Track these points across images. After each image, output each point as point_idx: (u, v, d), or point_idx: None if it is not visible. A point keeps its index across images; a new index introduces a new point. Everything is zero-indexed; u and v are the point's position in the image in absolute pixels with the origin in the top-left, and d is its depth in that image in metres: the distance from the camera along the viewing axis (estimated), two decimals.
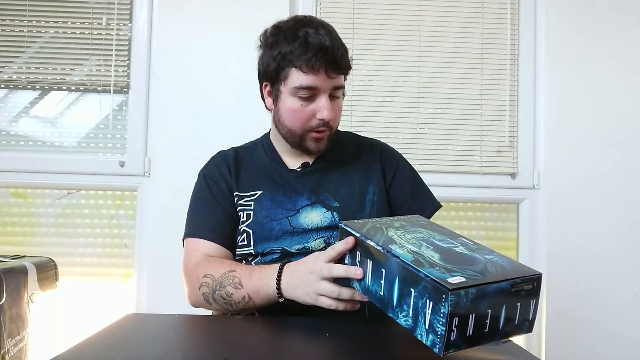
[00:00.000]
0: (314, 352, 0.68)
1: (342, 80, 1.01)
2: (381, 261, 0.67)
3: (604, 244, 1.82)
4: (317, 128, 1.00)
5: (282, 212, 1.02)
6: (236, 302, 0.92)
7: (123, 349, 0.68)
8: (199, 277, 0.96)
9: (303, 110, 0.99)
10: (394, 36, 1.89)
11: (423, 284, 0.60)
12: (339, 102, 1.03)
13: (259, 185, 1.06)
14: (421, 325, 0.61)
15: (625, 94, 1.87)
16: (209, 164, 1.13)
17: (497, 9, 1.91)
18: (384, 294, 0.67)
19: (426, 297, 0.60)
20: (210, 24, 1.83)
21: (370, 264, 0.70)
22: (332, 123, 1.02)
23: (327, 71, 0.96)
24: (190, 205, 1.09)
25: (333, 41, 0.96)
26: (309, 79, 0.96)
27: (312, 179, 1.07)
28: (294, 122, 1.01)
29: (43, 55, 1.86)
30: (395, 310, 0.65)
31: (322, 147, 1.04)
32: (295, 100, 0.99)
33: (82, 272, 1.82)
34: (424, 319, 0.60)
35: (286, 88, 0.99)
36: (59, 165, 1.82)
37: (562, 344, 1.80)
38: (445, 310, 0.57)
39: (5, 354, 1.23)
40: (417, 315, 0.61)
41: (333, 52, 0.95)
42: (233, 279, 0.91)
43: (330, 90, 0.99)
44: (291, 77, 0.97)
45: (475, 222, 1.90)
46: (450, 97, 1.89)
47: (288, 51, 0.96)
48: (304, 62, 0.95)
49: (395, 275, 0.65)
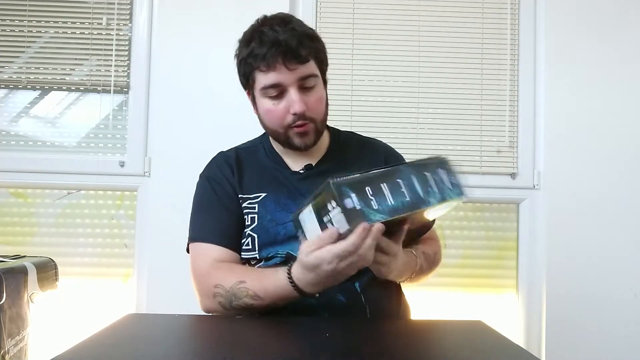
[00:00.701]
0: (314, 352, 0.68)
1: (309, 69, 0.97)
2: (394, 176, 0.77)
3: (604, 244, 1.82)
4: (294, 123, 0.98)
5: (287, 216, 0.99)
6: (259, 309, 0.91)
7: (123, 349, 0.68)
8: (210, 286, 0.94)
9: (276, 109, 0.98)
10: (394, 36, 1.89)
11: (431, 163, 0.82)
12: (315, 92, 0.99)
13: (263, 187, 1.04)
14: (446, 190, 0.81)
15: (626, 94, 1.87)
16: (210, 165, 1.11)
17: (497, 9, 1.91)
18: (411, 197, 0.76)
19: (438, 169, 0.82)
20: (210, 23, 1.83)
21: (385, 186, 0.75)
22: (311, 114, 0.99)
23: (285, 64, 0.94)
24: (194, 208, 1.07)
25: (287, 32, 0.94)
26: (270, 77, 0.95)
27: (316, 181, 1.04)
28: (272, 122, 1.01)
29: (43, 55, 1.86)
30: (426, 200, 0.77)
31: (308, 141, 1.01)
32: (267, 101, 0.99)
33: (82, 272, 1.81)
34: (447, 184, 0.82)
35: (257, 91, 1.00)
36: (59, 165, 1.82)
37: (562, 343, 1.80)
38: (453, 166, 0.85)
39: (5, 354, 1.23)
40: (441, 186, 0.80)
41: (287, 43, 0.93)
42: (247, 291, 0.90)
43: (297, 82, 0.96)
44: (257, 79, 0.98)
45: (475, 222, 1.89)
46: (450, 97, 1.89)
47: (247, 55, 0.97)
48: (260, 61, 0.94)
49: (409, 175, 0.77)
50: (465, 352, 0.71)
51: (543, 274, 1.83)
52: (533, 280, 1.85)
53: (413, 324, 0.77)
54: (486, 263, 1.89)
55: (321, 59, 1.02)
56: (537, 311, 1.84)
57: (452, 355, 0.71)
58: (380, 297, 0.98)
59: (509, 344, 0.72)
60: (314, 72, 0.99)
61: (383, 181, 0.75)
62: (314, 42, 0.98)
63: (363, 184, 0.74)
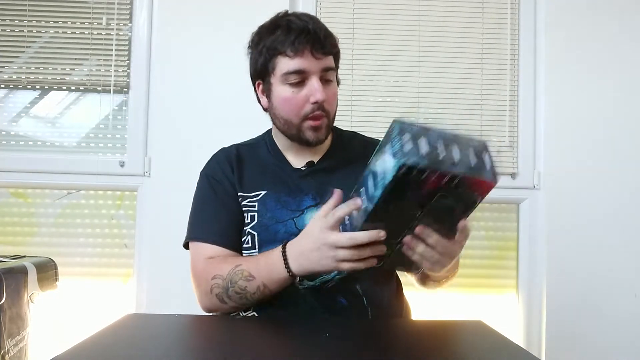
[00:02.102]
0: (314, 352, 0.68)
1: (331, 62, 1.00)
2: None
3: (604, 243, 1.82)
4: (312, 114, 0.98)
5: (287, 214, 1.00)
6: (251, 293, 0.91)
7: (123, 349, 0.68)
8: (208, 280, 0.94)
9: (295, 97, 0.98)
10: (394, 36, 1.89)
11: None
12: (332, 86, 1.01)
13: (263, 185, 1.04)
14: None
15: (626, 94, 1.87)
16: (210, 162, 1.11)
17: (497, 9, 1.91)
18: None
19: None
20: (210, 23, 1.83)
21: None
22: (328, 107, 1.00)
23: (312, 52, 0.95)
24: (194, 207, 1.07)
25: (316, 24, 0.97)
26: (295, 62, 0.96)
27: (318, 179, 1.04)
28: (289, 111, 1.00)
29: (43, 55, 1.86)
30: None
31: (321, 136, 1.01)
32: (286, 88, 0.98)
33: (82, 272, 1.81)
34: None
35: (276, 78, 0.99)
36: (59, 165, 1.82)
37: (562, 343, 1.80)
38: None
39: (5, 354, 1.23)
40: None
41: (316, 32, 0.96)
42: (242, 273, 0.91)
43: (320, 72, 0.97)
44: (279, 65, 0.98)
45: (476, 222, 1.89)
46: (450, 97, 1.89)
47: (272, 41, 0.98)
48: (288, 46, 0.95)
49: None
50: (465, 352, 0.71)
51: (543, 274, 1.83)
52: (533, 280, 1.85)
53: (413, 324, 0.77)
54: (486, 263, 1.89)
55: (338, 57, 1.05)
56: (537, 311, 1.84)
57: (452, 355, 0.71)
58: (382, 299, 0.98)
59: (509, 344, 0.72)
60: (333, 65, 1.01)
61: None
62: (335, 41, 1.02)
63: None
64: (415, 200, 0.71)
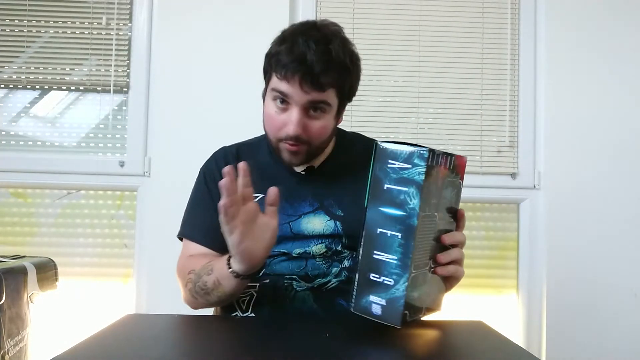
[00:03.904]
0: (314, 352, 0.68)
1: (322, 97, 0.93)
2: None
3: (604, 243, 1.82)
4: (286, 140, 0.94)
5: (283, 218, 0.97)
6: (211, 289, 0.88)
7: (123, 349, 0.67)
8: (185, 276, 0.95)
9: (276, 118, 0.95)
10: (394, 36, 1.89)
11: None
12: (321, 119, 0.95)
13: (260, 188, 1.01)
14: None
15: (626, 94, 1.87)
16: (209, 160, 1.11)
17: (497, 9, 1.91)
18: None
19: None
20: (210, 23, 1.83)
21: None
22: (308, 139, 0.94)
23: (301, 83, 0.90)
24: (189, 202, 1.08)
25: (318, 54, 0.89)
26: (282, 85, 0.92)
27: (317, 184, 1.03)
28: (268, 127, 0.98)
29: (43, 55, 1.86)
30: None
31: (296, 161, 0.98)
32: (272, 104, 0.96)
33: (82, 272, 1.81)
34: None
35: (269, 89, 0.97)
36: (59, 165, 1.82)
37: (562, 343, 1.80)
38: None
39: (5, 354, 1.23)
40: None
41: (311, 65, 0.89)
42: (208, 267, 0.89)
43: (304, 104, 0.92)
44: (272, 79, 0.95)
45: (476, 222, 1.89)
46: (451, 97, 1.89)
47: (273, 53, 0.94)
48: (280, 69, 0.91)
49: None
50: (465, 352, 0.71)
51: (543, 274, 1.83)
52: (533, 280, 1.85)
53: (413, 324, 0.77)
54: (486, 263, 1.89)
55: (344, 90, 0.97)
56: (537, 311, 1.84)
57: (452, 355, 0.71)
58: None
59: (509, 344, 0.72)
60: (328, 100, 0.94)
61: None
62: (343, 72, 0.94)
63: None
64: (435, 197, 0.73)
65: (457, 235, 0.80)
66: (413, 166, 0.69)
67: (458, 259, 0.80)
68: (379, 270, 0.71)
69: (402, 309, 0.69)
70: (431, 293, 0.77)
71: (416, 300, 0.73)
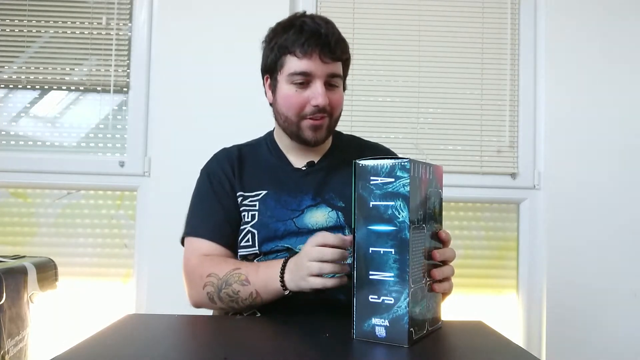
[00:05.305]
0: (314, 352, 0.68)
1: (338, 68, 1.01)
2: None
3: (604, 243, 1.82)
4: (312, 115, 0.99)
5: (287, 213, 1.01)
6: (243, 299, 0.92)
7: (123, 349, 0.67)
8: (202, 276, 0.96)
9: (298, 97, 0.99)
10: (394, 36, 1.89)
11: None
12: (337, 92, 1.02)
13: (264, 184, 1.05)
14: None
15: (626, 94, 1.87)
16: (211, 161, 1.12)
17: (497, 9, 1.91)
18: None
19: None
20: (210, 23, 1.83)
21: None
22: (330, 111, 1.01)
23: (320, 56, 0.96)
24: (192, 203, 1.09)
25: (329, 29, 0.98)
26: (302, 64, 0.97)
27: (318, 179, 1.06)
28: (289, 109, 1.01)
29: (43, 55, 1.86)
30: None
31: (319, 137, 1.03)
32: (291, 87, 0.99)
33: (82, 272, 1.81)
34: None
35: (282, 76, 1.00)
36: (59, 165, 1.82)
37: (562, 344, 1.80)
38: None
39: (5, 354, 1.23)
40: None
41: (327, 37, 0.96)
42: (239, 277, 0.92)
43: (325, 77, 0.98)
44: (287, 64, 0.99)
45: (475, 222, 1.89)
46: (451, 97, 1.89)
47: (284, 39, 0.99)
48: (297, 47, 0.96)
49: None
50: (465, 352, 0.71)
51: (543, 274, 1.83)
52: (533, 281, 1.85)
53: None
54: (486, 263, 1.89)
55: (348, 65, 1.06)
56: (537, 311, 1.84)
57: (452, 355, 0.71)
58: None
59: (509, 344, 0.72)
60: (340, 73, 1.02)
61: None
62: (346, 48, 1.03)
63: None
64: (422, 208, 0.72)
65: (448, 252, 0.80)
66: (396, 179, 0.68)
67: (449, 276, 0.81)
68: (377, 291, 0.69)
69: (407, 327, 0.67)
70: (431, 307, 0.76)
71: (419, 315, 0.71)
